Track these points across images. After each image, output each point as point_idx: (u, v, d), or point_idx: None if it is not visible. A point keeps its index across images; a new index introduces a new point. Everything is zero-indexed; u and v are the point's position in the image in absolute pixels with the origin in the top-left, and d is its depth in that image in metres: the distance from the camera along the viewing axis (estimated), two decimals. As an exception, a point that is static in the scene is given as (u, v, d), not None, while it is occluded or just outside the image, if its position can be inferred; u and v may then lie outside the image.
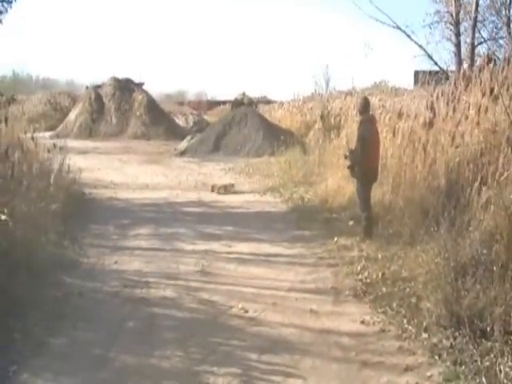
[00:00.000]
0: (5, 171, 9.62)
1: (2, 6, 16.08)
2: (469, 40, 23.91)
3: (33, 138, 13.62)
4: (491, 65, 12.63)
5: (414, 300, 8.37)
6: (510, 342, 6.73)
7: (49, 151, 14.56)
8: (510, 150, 10.12)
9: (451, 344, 7.07)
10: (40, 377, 6.61)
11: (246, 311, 8.56)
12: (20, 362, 6.88)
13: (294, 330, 7.89)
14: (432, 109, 13.65)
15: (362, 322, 8.14)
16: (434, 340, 7.26)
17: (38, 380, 6.55)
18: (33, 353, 7.12)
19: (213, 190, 17.73)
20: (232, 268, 10.32)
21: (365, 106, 12.58)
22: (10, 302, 7.81)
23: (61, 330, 7.79)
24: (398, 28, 23.91)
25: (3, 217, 8.69)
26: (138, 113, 41.13)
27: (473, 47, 23.78)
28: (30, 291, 8.42)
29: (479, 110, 11.76)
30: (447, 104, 13.29)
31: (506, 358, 6.38)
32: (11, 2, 16.15)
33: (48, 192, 11.82)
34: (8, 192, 9.49)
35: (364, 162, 11.89)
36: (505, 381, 5.89)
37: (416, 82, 32.62)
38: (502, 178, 9.81)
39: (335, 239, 11.90)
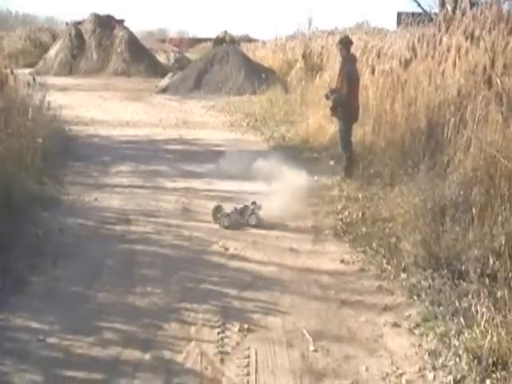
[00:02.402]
0: (-16, 105, 9.51)
1: None
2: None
3: (12, 73, 13.44)
4: (474, 8, 12.58)
5: (393, 240, 8.38)
6: (486, 284, 6.77)
7: (28, 87, 14.39)
8: (488, 91, 10.10)
9: (429, 285, 7.11)
10: (19, 315, 6.57)
11: (227, 249, 8.60)
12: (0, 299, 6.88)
13: (273, 268, 7.94)
14: (413, 49, 13.59)
15: (342, 261, 8.20)
16: (413, 280, 7.30)
17: (17, 317, 6.53)
18: (13, 290, 7.10)
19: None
20: (212, 206, 10.31)
21: (346, 46, 12.52)
22: (-11, 237, 7.79)
23: (41, 267, 7.77)
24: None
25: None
26: (118, 50, 40.73)
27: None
28: (10, 227, 8.38)
29: (459, 51, 11.74)
30: (428, 45, 13.23)
31: (482, 300, 6.42)
32: None
33: (28, 128, 11.70)
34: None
35: (349, 101, 11.87)
36: (481, 322, 5.94)
37: (399, 23, 32.41)
38: (481, 118, 9.81)
39: (316, 178, 11.90)
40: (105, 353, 5.86)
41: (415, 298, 6.95)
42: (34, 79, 14.83)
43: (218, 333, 6.24)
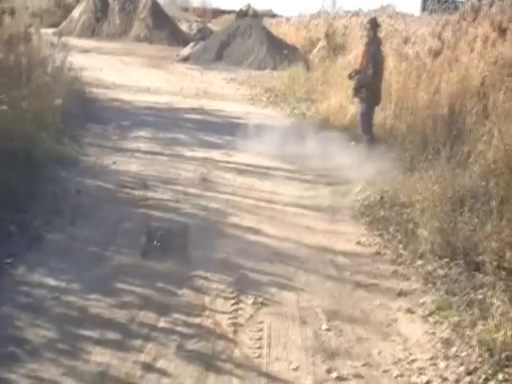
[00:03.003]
0: (7, 62, 9.47)
1: None
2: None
3: (36, 32, 13.38)
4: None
5: (410, 226, 8.32)
6: (502, 277, 6.75)
7: (51, 47, 14.34)
8: (512, 84, 10.05)
9: (445, 273, 7.07)
10: (36, 271, 6.62)
11: (243, 221, 8.59)
12: (17, 255, 6.90)
13: (289, 245, 7.92)
14: (440, 37, 13.50)
15: (358, 243, 8.18)
16: (429, 268, 7.26)
17: (33, 274, 6.56)
18: (30, 247, 7.15)
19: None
20: (231, 177, 10.32)
21: (374, 27, 12.43)
22: (9, 195, 7.78)
23: (58, 226, 7.82)
24: None
25: (4, 107, 8.59)
26: (141, 15, 40.54)
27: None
28: (29, 185, 8.40)
29: (485, 42, 11.66)
30: (454, 34, 13.14)
31: (497, 292, 6.40)
32: None
33: (49, 87, 11.67)
34: (9, 83, 9.36)
35: (373, 82, 11.80)
36: (496, 314, 5.92)
37: (424, 8, 32.15)
38: (504, 110, 9.75)
39: (334, 158, 11.83)
40: (120, 314, 5.89)
41: (430, 285, 6.92)
42: (57, 39, 14.78)
43: (232, 304, 6.25)
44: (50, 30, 28.84)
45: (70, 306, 5.94)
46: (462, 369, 5.33)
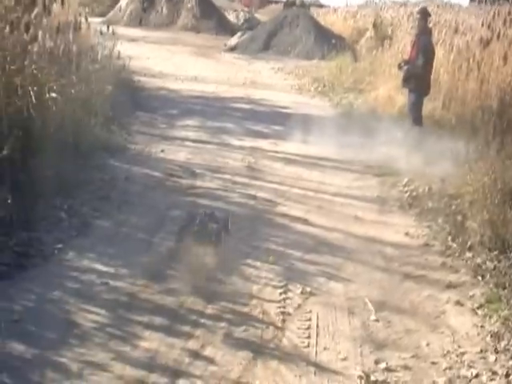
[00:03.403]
0: (57, 50, 9.53)
1: None
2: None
3: (86, 20, 13.44)
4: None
5: (459, 218, 8.22)
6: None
7: (100, 35, 14.40)
8: None
9: (495, 266, 7.00)
10: (84, 256, 6.69)
11: (291, 211, 8.57)
12: (65, 240, 6.97)
13: (337, 235, 7.89)
14: (489, 27, 13.35)
15: (407, 234, 8.11)
16: (478, 260, 7.19)
17: (82, 259, 6.62)
18: (78, 233, 7.22)
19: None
20: (279, 167, 10.31)
21: (425, 17, 12.35)
22: (58, 181, 7.88)
23: (106, 212, 7.89)
24: None
25: (53, 94, 8.66)
26: (188, 5, 40.60)
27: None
28: (77, 172, 8.52)
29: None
30: (504, 24, 12.98)
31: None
32: None
33: (98, 75, 11.73)
34: (59, 71, 9.42)
35: (424, 73, 11.71)
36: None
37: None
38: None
39: (383, 149, 11.76)
40: (169, 300, 5.92)
41: (480, 278, 6.84)
42: (106, 28, 14.84)
43: (280, 293, 6.24)
44: (99, 19, 29.06)
45: (118, 291, 5.99)
46: (511, 362, 5.27)
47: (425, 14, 12.39)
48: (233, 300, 6.03)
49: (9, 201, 6.88)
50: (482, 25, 14.02)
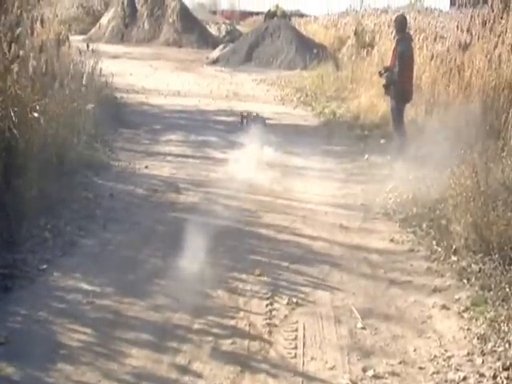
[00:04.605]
0: (39, 68, 9.55)
1: None
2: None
3: (67, 38, 13.47)
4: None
5: (443, 222, 8.26)
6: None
7: (81, 53, 14.43)
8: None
9: (480, 269, 7.02)
10: (70, 276, 6.69)
11: (276, 221, 8.59)
12: (50, 260, 6.98)
13: (323, 244, 7.93)
14: (468, 31, 13.42)
15: (392, 241, 8.14)
16: (463, 263, 7.22)
17: (68, 279, 6.62)
18: (63, 252, 7.24)
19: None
20: (262, 178, 10.30)
21: (402, 24, 12.44)
22: (42, 200, 7.90)
23: (91, 231, 7.90)
24: None
25: (36, 114, 8.67)
26: (170, 19, 40.66)
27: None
28: (61, 191, 8.53)
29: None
30: (483, 26, 13.04)
31: (534, 287, 6.38)
32: None
33: (80, 93, 11.75)
34: (41, 89, 9.44)
35: (401, 80, 11.76)
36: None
37: (452, 3, 31.91)
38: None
39: (366, 156, 11.86)
40: (155, 316, 5.94)
41: (465, 281, 6.87)
42: (87, 46, 14.86)
43: (267, 305, 6.26)
44: (80, 37, 29.06)
45: (104, 310, 6.00)
46: (498, 364, 5.30)
47: (402, 21, 12.45)
48: (219, 314, 6.04)
49: (-8, 223, 6.89)
50: (462, 29, 14.08)
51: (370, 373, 5.16)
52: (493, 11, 13.05)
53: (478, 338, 5.72)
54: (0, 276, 6.39)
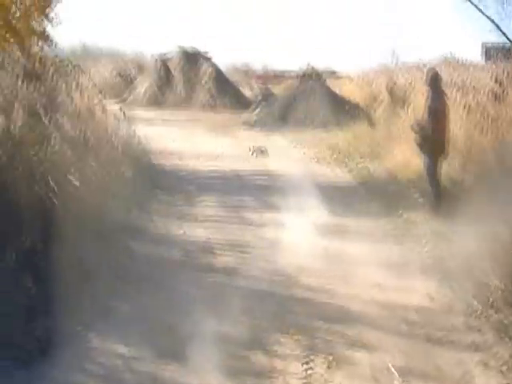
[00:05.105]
0: (76, 134, 9.73)
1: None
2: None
3: (102, 106, 13.71)
4: None
5: (481, 276, 8.21)
6: None
7: (117, 119, 14.66)
8: None
9: (519, 322, 6.98)
10: (107, 339, 6.72)
11: (312, 282, 8.56)
12: (87, 323, 7.01)
13: (359, 302, 7.86)
14: (501, 83, 13.45)
15: (429, 297, 8.07)
16: (501, 317, 7.17)
17: (104, 342, 6.66)
18: (100, 315, 7.25)
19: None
20: (299, 238, 10.30)
21: (434, 79, 12.49)
22: (79, 265, 7.93)
23: (128, 295, 7.92)
24: (469, 0, 23.28)
25: (73, 180, 8.80)
26: (204, 83, 41.13)
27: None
28: (98, 255, 8.54)
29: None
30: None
31: None
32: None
33: (117, 159, 11.92)
34: (78, 155, 9.60)
35: (434, 135, 11.77)
36: None
37: (486, 57, 31.96)
38: None
39: (402, 213, 11.82)
40: (193, 380, 5.94)
41: (503, 335, 6.80)
42: (122, 113, 15.09)
43: (303, 364, 6.23)
44: (116, 103, 29.46)
45: (141, 373, 6.00)
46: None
47: (434, 76, 12.51)
48: (256, 374, 6.03)
49: (31, 289, 6.97)
50: (495, 80, 14.12)
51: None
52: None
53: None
54: (36, 339, 6.44)
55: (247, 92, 43.59)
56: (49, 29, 16.66)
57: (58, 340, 6.56)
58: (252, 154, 19.74)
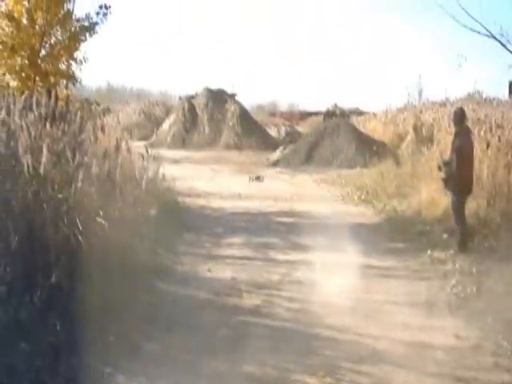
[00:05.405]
0: (102, 174, 9.79)
1: (98, 17, 16.68)
2: None
3: (128, 145, 13.80)
4: None
5: (509, 315, 8.16)
6: None
7: (143, 159, 14.75)
8: None
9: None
10: (134, 380, 6.70)
11: (339, 322, 8.50)
12: (115, 364, 6.97)
13: (386, 342, 7.79)
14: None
15: (457, 337, 7.99)
16: (531, 356, 7.10)
17: (131, 382, 6.64)
18: (127, 356, 7.22)
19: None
20: (325, 278, 10.27)
21: (460, 118, 12.49)
22: (105, 304, 7.93)
23: (155, 335, 7.90)
24: (493, 37, 23.25)
25: (100, 220, 8.84)
26: (230, 123, 41.44)
27: None
28: (125, 295, 8.54)
29: None
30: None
31: None
32: (106, 14, 16.73)
33: (142, 198, 11.96)
34: (104, 195, 9.65)
35: (459, 174, 11.75)
36: None
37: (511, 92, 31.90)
38: None
39: (429, 252, 11.77)
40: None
41: (533, 375, 6.74)
42: (147, 151, 15.19)
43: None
44: (142, 143, 29.69)
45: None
46: None
47: (459, 115, 12.51)
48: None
49: (58, 327, 6.98)
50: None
51: None
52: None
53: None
54: (64, 379, 6.44)
55: (273, 131, 43.74)
56: (75, 68, 16.97)
57: (83, 379, 6.56)
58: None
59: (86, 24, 16.80)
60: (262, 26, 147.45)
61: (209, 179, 23.94)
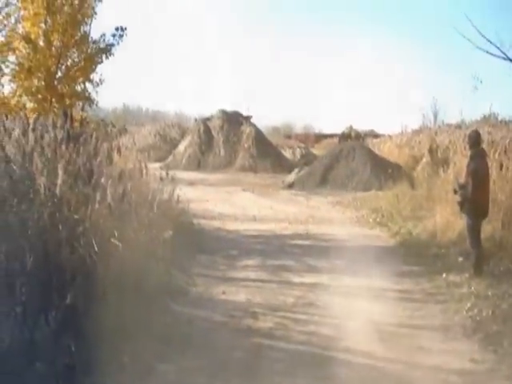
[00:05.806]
0: (117, 196, 9.83)
1: (114, 39, 16.78)
2: None
3: (145, 166, 13.85)
4: None
5: (525, 339, 8.14)
6: None
7: (158, 181, 14.78)
8: None
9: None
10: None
11: (354, 345, 8.47)
12: (128, 384, 7.01)
13: (402, 366, 7.77)
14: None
15: (472, 360, 7.95)
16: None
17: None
18: (141, 377, 7.23)
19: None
20: (340, 302, 10.26)
21: (475, 140, 12.46)
22: (120, 325, 7.94)
23: (169, 356, 7.89)
24: (508, 59, 23.26)
25: (115, 241, 8.86)
26: (245, 145, 41.54)
27: None
28: (140, 316, 8.55)
29: None
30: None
31: None
32: (122, 36, 16.83)
33: (158, 220, 11.98)
34: (119, 217, 9.68)
35: (474, 197, 11.71)
36: None
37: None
38: None
39: (444, 275, 11.74)
40: None
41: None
42: (163, 173, 15.23)
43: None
44: (157, 165, 29.78)
45: None
46: None
47: (474, 138, 12.48)
48: None
49: (72, 347, 6.99)
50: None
51: None
52: None
53: None
54: (78, 400, 6.46)
55: (288, 154, 43.79)
56: (91, 90, 17.06)
57: (98, 400, 6.59)
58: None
59: (102, 46, 16.89)
60: (278, 48, 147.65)
61: (224, 201, 23.97)
